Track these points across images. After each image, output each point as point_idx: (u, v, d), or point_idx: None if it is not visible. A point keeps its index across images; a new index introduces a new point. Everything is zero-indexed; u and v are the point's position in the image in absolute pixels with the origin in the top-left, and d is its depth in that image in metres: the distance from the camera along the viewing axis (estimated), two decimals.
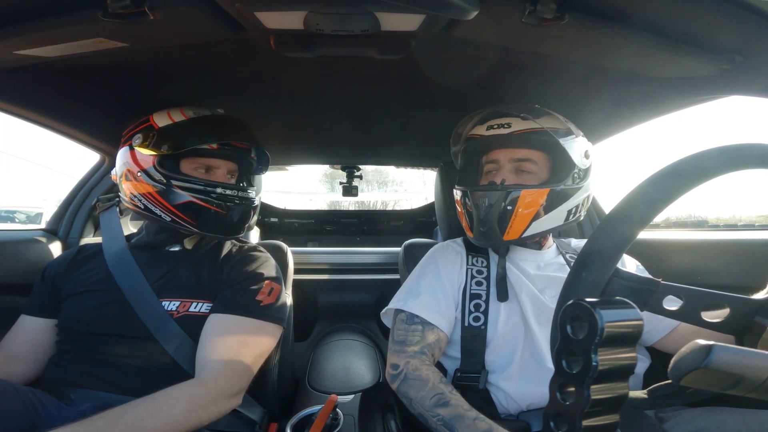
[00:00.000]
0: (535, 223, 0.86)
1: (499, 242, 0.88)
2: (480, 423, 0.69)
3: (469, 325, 0.87)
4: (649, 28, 0.64)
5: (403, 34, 0.73)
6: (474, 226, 0.90)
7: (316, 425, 0.84)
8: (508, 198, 0.85)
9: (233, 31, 0.70)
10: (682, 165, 0.43)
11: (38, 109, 1.04)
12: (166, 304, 0.83)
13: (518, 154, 0.90)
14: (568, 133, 0.88)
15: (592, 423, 0.34)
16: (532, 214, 0.85)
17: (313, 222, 2.59)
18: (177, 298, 0.85)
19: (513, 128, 0.89)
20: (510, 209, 0.85)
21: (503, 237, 0.87)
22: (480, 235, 0.90)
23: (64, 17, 0.63)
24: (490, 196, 0.87)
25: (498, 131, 0.90)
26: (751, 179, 1.20)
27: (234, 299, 0.85)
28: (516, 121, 0.89)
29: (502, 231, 0.86)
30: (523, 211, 0.85)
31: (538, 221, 0.86)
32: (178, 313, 0.83)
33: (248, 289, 0.87)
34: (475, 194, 0.90)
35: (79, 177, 1.38)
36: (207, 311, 0.85)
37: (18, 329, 0.87)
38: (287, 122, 1.32)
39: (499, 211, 0.86)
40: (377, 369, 1.32)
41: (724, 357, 0.31)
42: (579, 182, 0.89)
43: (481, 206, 0.87)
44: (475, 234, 0.91)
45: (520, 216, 0.85)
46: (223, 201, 0.90)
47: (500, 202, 0.85)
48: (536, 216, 0.85)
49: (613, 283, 0.42)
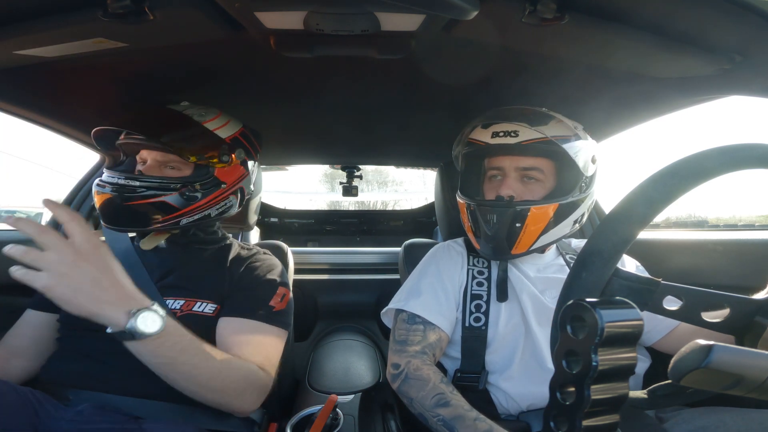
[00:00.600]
0: (543, 237, 0.85)
1: (508, 256, 0.87)
2: (480, 424, 0.69)
3: (470, 325, 0.87)
4: (649, 28, 0.64)
5: (403, 34, 0.73)
6: (481, 240, 0.89)
7: (316, 425, 0.84)
8: (517, 215, 0.83)
9: (233, 31, 0.70)
10: (682, 165, 0.43)
11: (38, 109, 1.04)
12: (170, 303, 0.83)
13: (524, 162, 0.87)
14: (576, 140, 0.84)
15: (592, 423, 0.34)
16: (540, 229, 0.84)
17: (313, 222, 2.59)
18: (181, 297, 0.85)
19: (520, 138, 0.85)
20: (519, 226, 0.83)
21: (511, 251, 0.85)
22: (487, 248, 0.88)
23: (64, 17, 0.63)
24: (499, 212, 0.84)
25: (504, 140, 0.86)
26: (752, 179, 1.20)
27: (249, 303, 0.86)
28: (523, 130, 0.85)
29: (511, 246, 0.85)
30: (531, 227, 0.83)
31: (546, 234, 0.84)
32: (182, 312, 0.83)
33: (262, 294, 0.88)
34: (482, 209, 0.87)
35: (79, 177, 1.38)
36: (210, 312, 0.85)
37: (21, 323, 0.87)
38: (287, 122, 1.32)
39: (508, 228, 0.83)
40: (377, 369, 1.32)
41: (724, 357, 0.31)
42: (586, 190, 0.87)
43: (490, 222, 0.85)
44: (482, 247, 0.89)
45: (528, 232, 0.83)
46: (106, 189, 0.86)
47: (508, 219, 0.83)
48: (545, 230, 0.84)
49: (613, 283, 0.42)
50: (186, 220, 0.90)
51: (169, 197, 0.87)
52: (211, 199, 0.92)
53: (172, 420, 0.74)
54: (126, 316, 0.61)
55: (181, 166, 0.91)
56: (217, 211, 0.95)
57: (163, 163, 0.90)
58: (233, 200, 0.98)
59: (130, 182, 0.85)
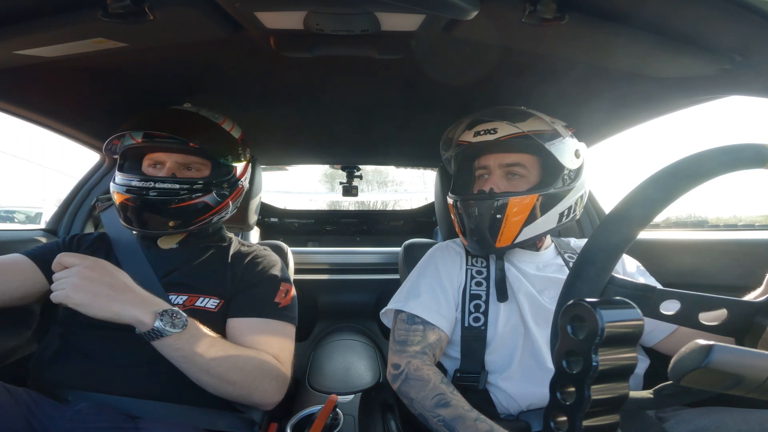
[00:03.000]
0: (527, 229, 0.86)
1: (492, 249, 0.89)
2: (481, 424, 0.68)
3: (469, 325, 0.87)
4: (649, 28, 0.64)
5: (403, 34, 0.73)
6: (467, 235, 0.91)
7: (316, 425, 0.84)
8: (497, 206, 0.85)
9: (233, 31, 0.70)
10: (681, 165, 0.43)
11: (38, 109, 1.03)
12: (173, 298, 0.84)
13: (507, 159, 0.90)
14: (554, 136, 0.87)
15: (592, 423, 0.34)
16: (522, 221, 0.85)
17: (313, 222, 2.59)
18: (184, 293, 0.85)
19: (499, 134, 0.89)
20: (499, 217, 0.85)
21: (495, 244, 0.87)
22: (473, 243, 0.91)
23: (64, 17, 0.63)
24: (479, 205, 0.87)
25: (485, 138, 0.90)
26: (752, 179, 1.20)
27: (255, 303, 0.87)
28: (502, 126, 0.89)
29: (494, 238, 0.86)
30: (513, 218, 0.85)
31: (529, 227, 0.86)
32: (185, 308, 0.83)
33: (266, 293, 0.89)
34: (465, 203, 0.90)
35: (79, 177, 1.38)
36: (213, 307, 0.85)
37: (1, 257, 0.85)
38: (287, 122, 1.32)
39: (489, 220, 0.86)
40: (377, 369, 1.32)
41: (724, 357, 0.31)
42: (570, 183, 0.89)
43: (472, 215, 0.88)
44: (468, 242, 0.92)
45: (510, 223, 0.85)
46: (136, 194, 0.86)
47: (489, 211, 0.85)
48: (527, 222, 0.85)
49: (609, 291, 0.42)
50: (216, 218, 0.94)
51: (208, 197, 0.91)
52: (232, 198, 0.97)
53: (170, 420, 0.74)
54: (152, 315, 0.68)
55: (201, 167, 0.93)
56: (234, 207, 1.00)
57: (184, 165, 0.92)
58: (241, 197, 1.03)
59: (166, 186, 0.87)
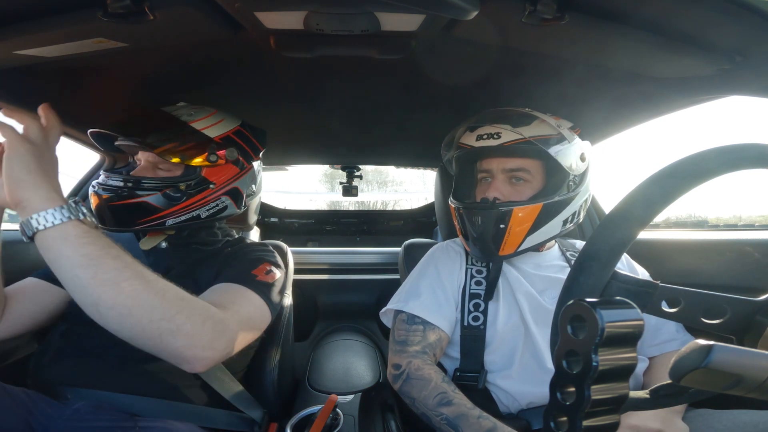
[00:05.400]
0: (530, 237, 0.85)
1: (495, 258, 0.88)
2: (484, 421, 0.69)
3: (469, 324, 0.87)
4: (649, 28, 0.64)
5: (403, 34, 0.73)
6: (470, 242, 0.90)
7: (316, 425, 0.85)
8: (500, 216, 0.84)
9: (233, 31, 0.70)
10: (681, 165, 0.43)
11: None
12: None
13: (510, 164, 0.88)
14: (560, 140, 0.85)
15: (592, 423, 0.34)
16: (526, 230, 0.84)
17: (313, 222, 2.59)
18: None
19: (502, 139, 0.86)
20: (503, 227, 0.84)
21: (498, 252, 0.86)
22: (476, 250, 0.90)
23: (64, 17, 0.63)
24: (483, 214, 0.86)
25: (488, 142, 0.88)
26: (752, 179, 1.19)
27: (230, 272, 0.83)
28: (506, 131, 0.87)
29: (497, 247, 0.86)
30: (516, 228, 0.84)
31: (533, 235, 0.85)
32: None
33: (245, 265, 0.85)
34: (468, 211, 0.89)
35: (80, 177, 1.38)
36: None
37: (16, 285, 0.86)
38: (287, 122, 1.32)
39: (492, 230, 0.84)
40: (377, 369, 1.32)
41: (724, 357, 0.31)
42: (575, 189, 0.88)
43: (475, 224, 0.87)
44: (471, 249, 0.91)
45: (514, 233, 0.84)
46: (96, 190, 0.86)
47: (492, 221, 0.84)
48: (531, 230, 0.84)
49: (611, 287, 0.42)
50: (172, 220, 0.88)
51: (151, 198, 0.85)
52: (198, 200, 0.90)
53: (170, 418, 0.74)
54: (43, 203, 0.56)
55: (171, 167, 0.90)
56: (207, 212, 0.92)
57: (155, 164, 0.90)
58: (226, 201, 0.96)
59: (112, 183, 0.85)
